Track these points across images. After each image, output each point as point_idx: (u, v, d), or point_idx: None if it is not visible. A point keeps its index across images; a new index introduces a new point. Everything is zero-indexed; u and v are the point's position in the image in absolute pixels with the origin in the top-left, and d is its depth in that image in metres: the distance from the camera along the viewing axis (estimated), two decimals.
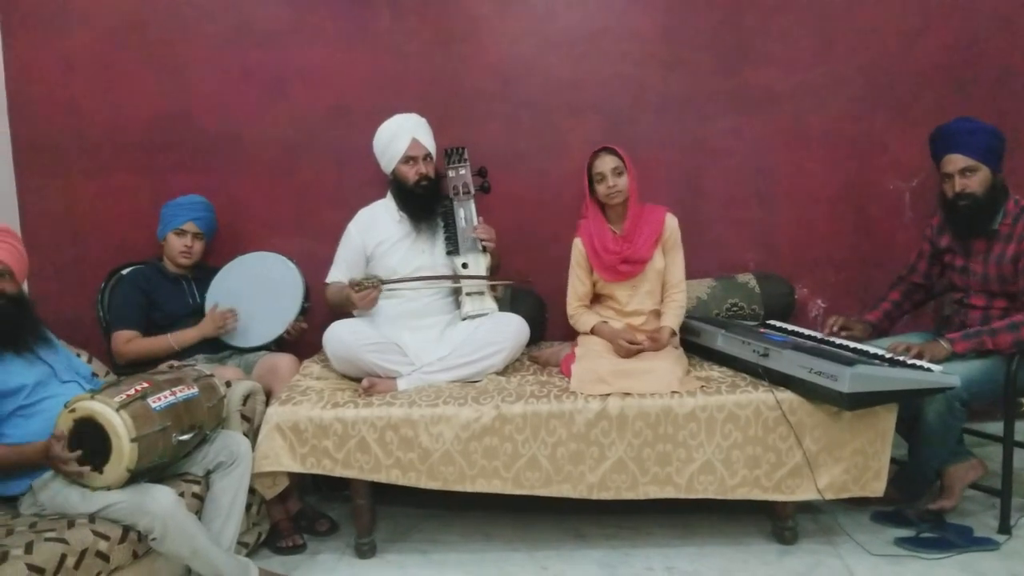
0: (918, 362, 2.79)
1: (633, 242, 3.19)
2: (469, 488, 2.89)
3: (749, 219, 3.79)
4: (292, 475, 3.02)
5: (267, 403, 3.05)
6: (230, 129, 3.80)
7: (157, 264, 3.54)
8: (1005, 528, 2.96)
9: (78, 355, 3.02)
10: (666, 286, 3.26)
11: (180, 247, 3.46)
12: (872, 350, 2.93)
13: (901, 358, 2.82)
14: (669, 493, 2.87)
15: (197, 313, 3.46)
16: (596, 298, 3.36)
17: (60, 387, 2.67)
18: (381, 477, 2.90)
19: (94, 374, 2.98)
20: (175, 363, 3.00)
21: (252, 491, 2.85)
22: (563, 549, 3.00)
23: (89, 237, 3.86)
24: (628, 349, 3.06)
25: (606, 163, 3.17)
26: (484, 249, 3.36)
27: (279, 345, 3.49)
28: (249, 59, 3.76)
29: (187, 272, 3.54)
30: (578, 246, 3.27)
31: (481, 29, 3.73)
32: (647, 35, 3.70)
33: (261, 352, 3.43)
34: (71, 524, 2.34)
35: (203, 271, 3.58)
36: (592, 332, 3.22)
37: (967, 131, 2.99)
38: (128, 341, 3.31)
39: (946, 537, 2.90)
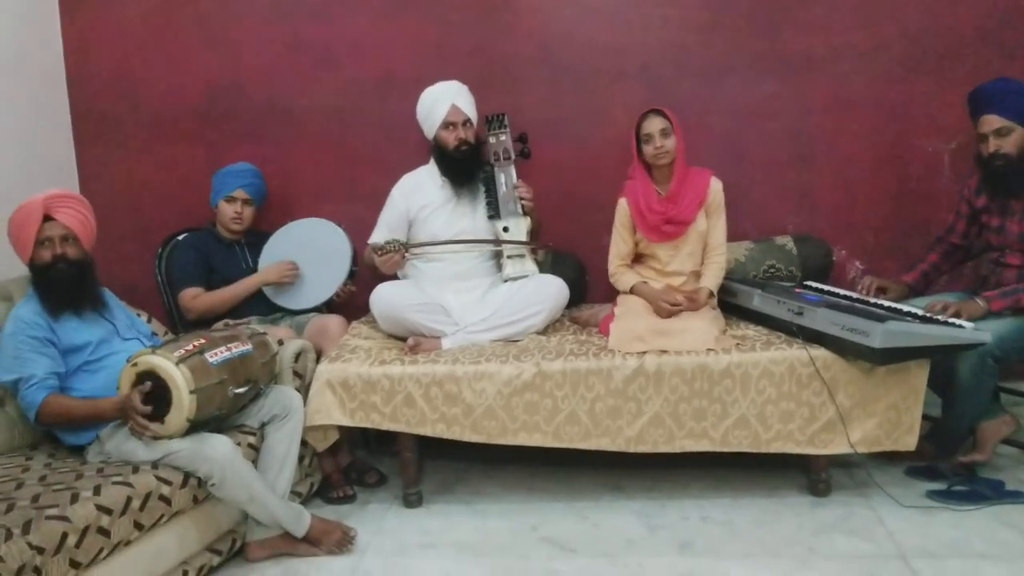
0: (950, 319, 2.84)
1: (678, 203, 3.25)
2: (511, 441, 3.00)
3: (789, 182, 3.82)
4: (342, 430, 3.16)
5: (317, 362, 3.18)
6: (280, 99, 3.93)
7: (211, 230, 3.68)
8: None
9: (139, 315, 3.18)
10: (707, 249, 3.32)
11: (231, 213, 3.59)
12: (905, 308, 2.97)
13: (933, 315, 2.87)
14: (704, 447, 2.96)
15: None
16: (637, 258, 3.43)
17: (122, 344, 2.84)
18: (427, 431, 3.03)
19: (153, 333, 3.14)
20: (230, 322, 3.16)
21: (304, 444, 2.99)
22: (602, 500, 3.11)
23: (146, 205, 4.03)
24: (669, 310, 3.14)
25: (654, 124, 3.22)
26: (524, 210, 3.44)
27: (329, 307, 3.62)
28: (298, 31, 3.88)
29: (240, 237, 3.68)
30: (623, 206, 3.33)
31: None
32: (688, 0, 3.74)
33: (312, 314, 3.57)
34: (135, 470, 2.49)
35: (256, 236, 3.72)
36: (632, 291, 3.30)
37: (1004, 92, 2.99)
38: (195, 297, 3.47)
39: (978, 490, 2.94)
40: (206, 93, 3.95)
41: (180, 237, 3.72)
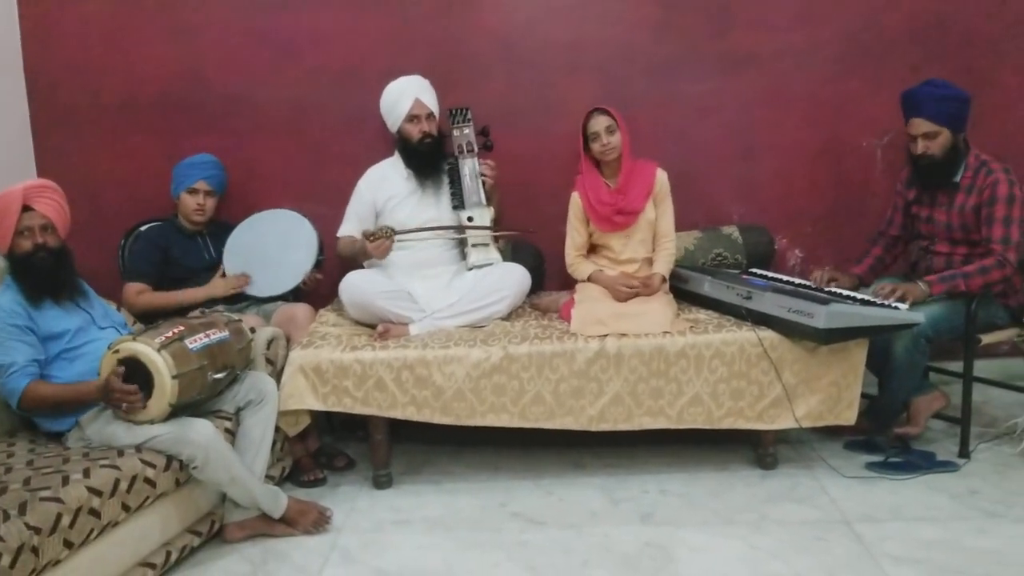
0: (887, 301, 3.06)
1: (627, 195, 3.42)
2: (479, 422, 3.14)
3: (734, 174, 4.02)
4: (312, 415, 3.26)
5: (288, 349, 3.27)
6: (243, 90, 3.96)
7: (173, 221, 3.71)
8: (964, 453, 3.25)
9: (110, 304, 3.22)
10: (657, 236, 3.50)
11: (193, 205, 3.63)
12: (845, 292, 3.19)
13: (871, 298, 3.09)
14: (661, 424, 3.14)
15: (213, 268, 3.65)
16: (592, 248, 3.60)
17: (99, 332, 2.89)
18: (397, 413, 3.14)
19: (125, 323, 3.19)
20: (205, 310, 3.23)
21: (276, 429, 3.06)
22: (565, 477, 3.27)
23: (106, 196, 4.02)
24: (626, 294, 3.31)
25: (599, 123, 3.38)
26: (485, 188, 3.55)
27: (295, 295, 3.68)
28: (261, 22, 3.92)
29: (202, 228, 3.72)
30: (575, 199, 3.50)
31: None
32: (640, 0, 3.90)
33: (278, 302, 3.62)
34: (121, 453, 2.56)
35: (218, 227, 3.76)
36: (589, 279, 3.46)
37: (931, 97, 3.20)
38: (138, 293, 3.50)
39: (912, 461, 3.19)
40: (167, 83, 3.96)
41: (143, 228, 3.75)
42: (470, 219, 3.53)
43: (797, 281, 3.44)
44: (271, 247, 3.63)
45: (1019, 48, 3.86)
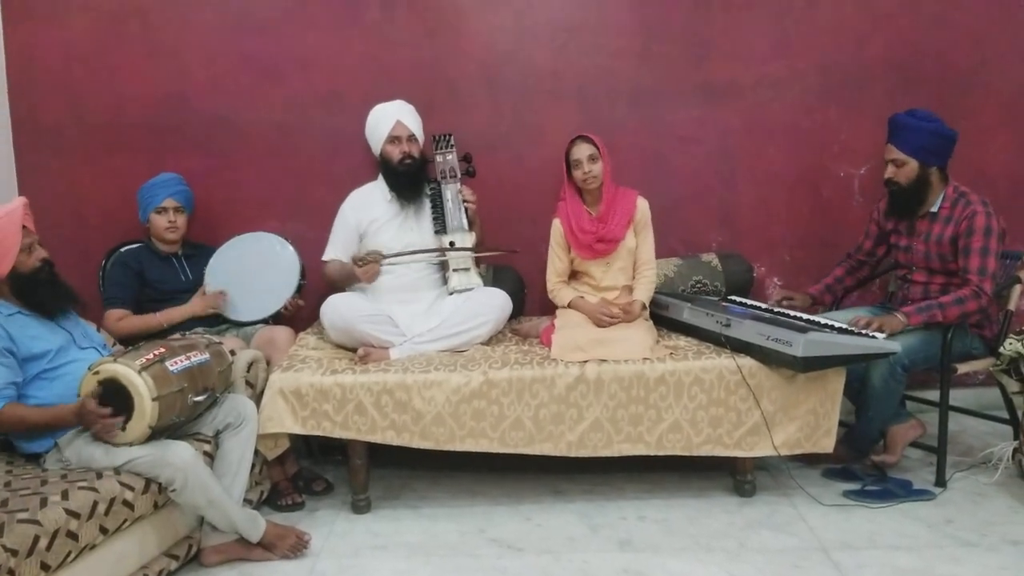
0: (864, 331, 3.09)
1: (608, 223, 3.45)
2: (459, 447, 3.13)
3: (713, 202, 4.06)
4: (291, 438, 3.25)
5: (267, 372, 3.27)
6: (226, 113, 3.98)
7: (148, 244, 3.71)
8: (941, 481, 3.27)
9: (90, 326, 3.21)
10: (637, 264, 3.53)
11: (164, 224, 3.62)
12: (823, 320, 3.22)
13: (849, 327, 3.12)
14: (640, 450, 3.14)
15: (191, 290, 3.64)
16: (573, 274, 3.62)
17: (80, 353, 2.86)
18: (377, 438, 3.13)
19: (105, 344, 3.17)
20: (186, 332, 3.22)
21: (255, 452, 3.05)
22: (544, 503, 3.27)
23: (88, 217, 4.02)
24: (607, 322, 3.33)
25: (582, 151, 3.41)
26: (468, 214, 3.58)
27: (275, 319, 3.68)
28: (245, 45, 3.94)
29: (177, 249, 3.71)
30: (557, 226, 3.52)
31: (466, 21, 3.95)
32: (621, 29, 3.94)
33: (258, 325, 3.62)
34: (99, 475, 2.55)
35: (193, 248, 3.76)
36: (570, 306, 3.47)
37: (907, 127, 3.26)
38: (119, 319, 3.50)
39: (888, 489, 3.21)
40: (150, 104, 3.97)
41: (121, 251, 3.74)
42: (452, 244, 3.55)
43: (775, 309, 3.47)
44: (253, 271, 3.64)
45: (995, 80, 3.94)
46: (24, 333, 2.73)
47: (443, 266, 3.63)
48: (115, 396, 2.58)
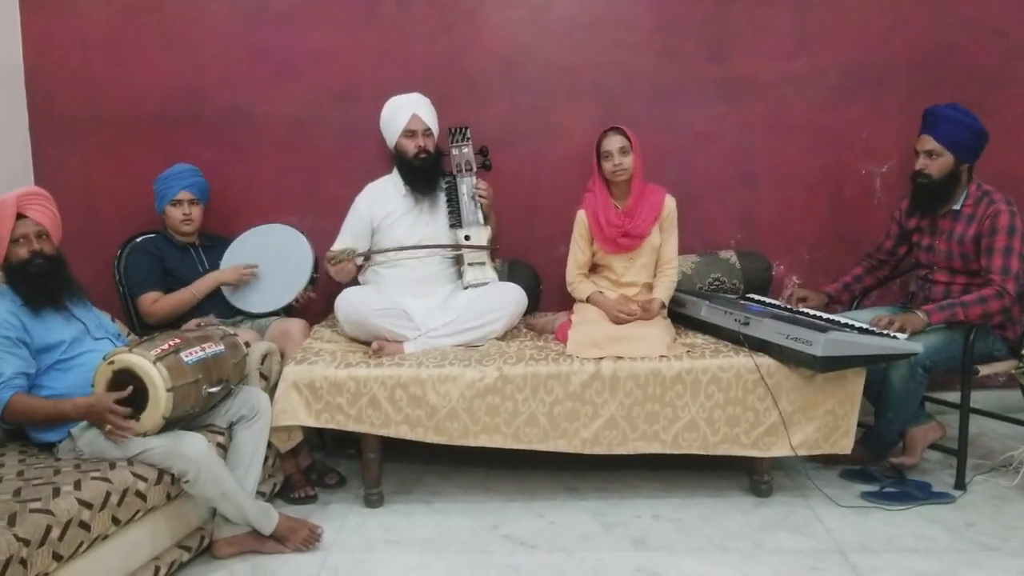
0: (885, 331, 3.05)
1: (634, 218, 3.41)
2: (472, 443, 3.11)
3: (733, 200, 4.02)
4: (304, 431, 3.25)
5: (281, 364, 3.26)
6: (242, 106, 3.97)
7: (164, 234, 3.71)
8: (960, 484, 3.23)
9: (104, 315, 3.20)
10: (660, 262, 3.49)
11: (179, 216, 3.62)
12: (843, 320, 3.18)
13: (870, 327, 3.08)
14: (656, 448, 3.11)
15: None
16: (593, 268, 3.58)
17: (94, 343, 2.87)
18: (391, 432, 3.12)
19: (119, 334, 3.17)
20: (201, 322, 3.22)
21: (268, 445, 3.04)
22: (557, 500, 3.24)
23: (103, 207, 4.02)
24: (624, 319, 3.30)
25: (614, 142, 3.38)
26: (483, 209, 3.55)
27: (288, 311, 3.68)
28: (261, 38, 3.93)
29: (194, 239, 3.72)
30: (581, 217, 3.48)
31: (483, 15, 3.93)
32: (641, 25, 3.91)
33: (272, 317, 3.62)
34: (112, 466, 2.54)
35: (209, 239, 3.77)
36: (588, 300, 3.45)
37: (945, 118, 3.22)
38: (154, 302, 3.51)
39: (907, 491, 3.17)
40: (166, 97, 3.97)
41: (137, 240, 3.73)
42: (467, 238, 3.53)
43: (793, 307, 3.43)
44: (267, 263, 3.63)
45: (1019, 78, 3.88)
46: (38, 324, 2.73)
47: (458, 260, 3.61)
48: (128, 386, 2.56)
